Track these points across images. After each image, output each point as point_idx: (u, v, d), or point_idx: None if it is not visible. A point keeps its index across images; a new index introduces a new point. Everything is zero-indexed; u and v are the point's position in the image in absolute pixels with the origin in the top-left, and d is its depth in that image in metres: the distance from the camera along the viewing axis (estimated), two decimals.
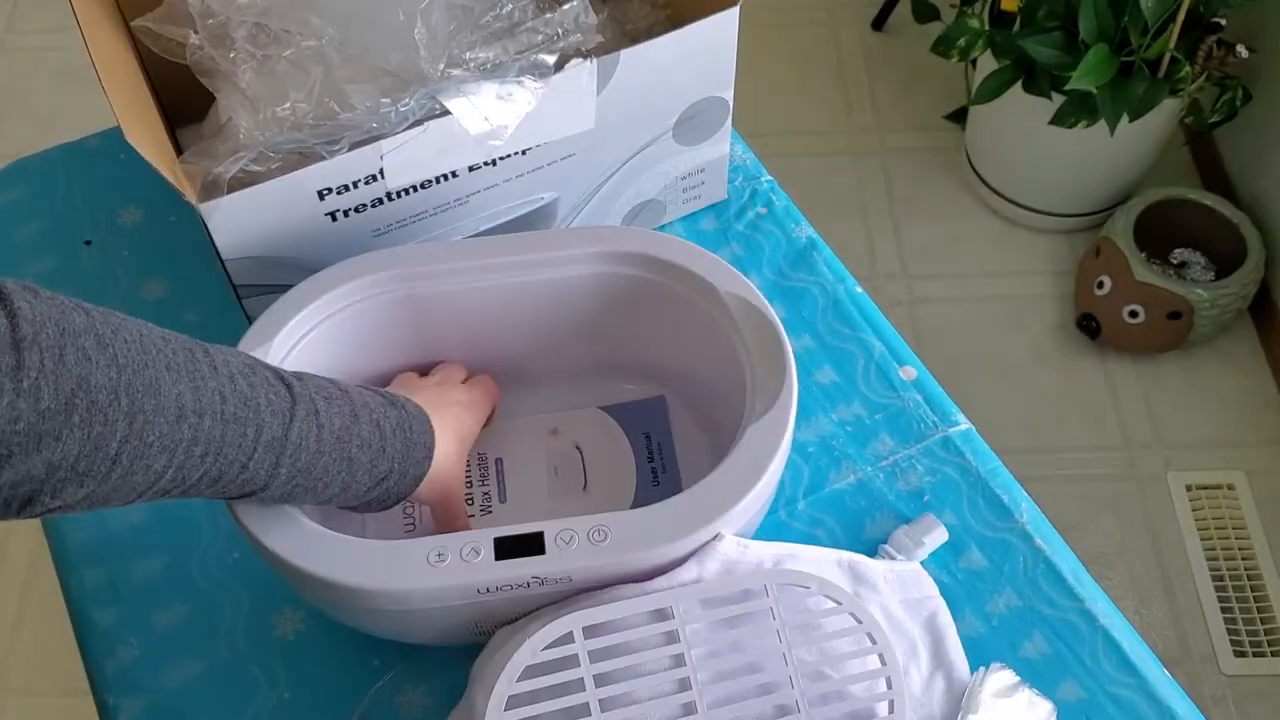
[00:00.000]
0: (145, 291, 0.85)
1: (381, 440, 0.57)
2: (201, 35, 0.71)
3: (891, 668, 0.58)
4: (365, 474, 0.57)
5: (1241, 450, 1.61)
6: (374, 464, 0.57)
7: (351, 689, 0.68)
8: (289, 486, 0.54)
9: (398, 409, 0.59)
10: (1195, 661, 1.43)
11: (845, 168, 1.91)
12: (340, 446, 0.55)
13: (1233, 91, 1.58)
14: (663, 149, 0.81)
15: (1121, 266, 1.60)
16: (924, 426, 0.77)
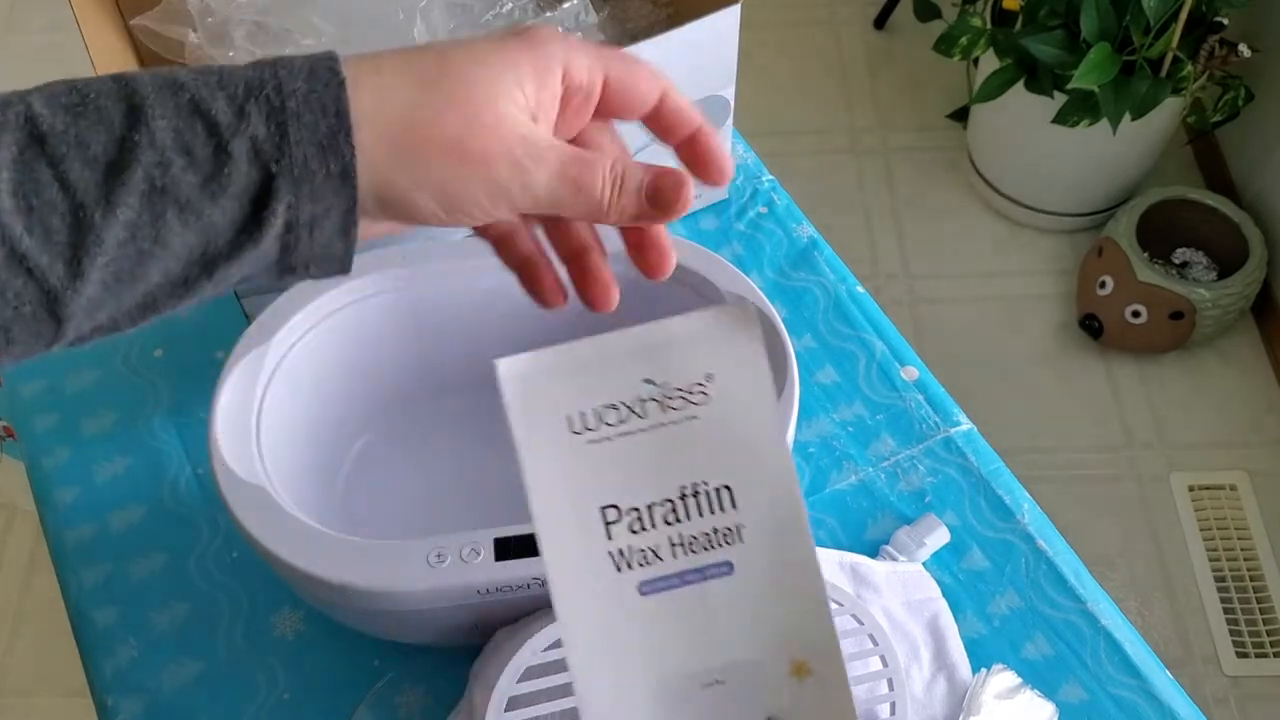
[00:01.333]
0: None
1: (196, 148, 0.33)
2: (200, 34, 0.71)
3: (893, 669, 0.58)
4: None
5: (1244, 451, 1.61)
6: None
7: (351, 689, 0.68)
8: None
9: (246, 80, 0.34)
10: (1197, 662, 1.43)
11: (847, 167, 1.90)
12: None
13: (1235, 91, 1.57)
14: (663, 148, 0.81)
15: (1124, 266, 1.60)
16: (925, 427, 0.77)
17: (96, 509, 0.74)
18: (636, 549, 0.41)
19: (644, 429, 0.42)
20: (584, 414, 0.42)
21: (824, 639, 0.41)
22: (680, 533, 0.41)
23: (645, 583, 0.41)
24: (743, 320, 0.43)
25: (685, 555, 0.41)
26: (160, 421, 0.78)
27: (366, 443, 0.74)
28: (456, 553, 0.57)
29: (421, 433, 0.74)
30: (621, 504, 0.42)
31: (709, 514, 0.42)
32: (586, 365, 0.43)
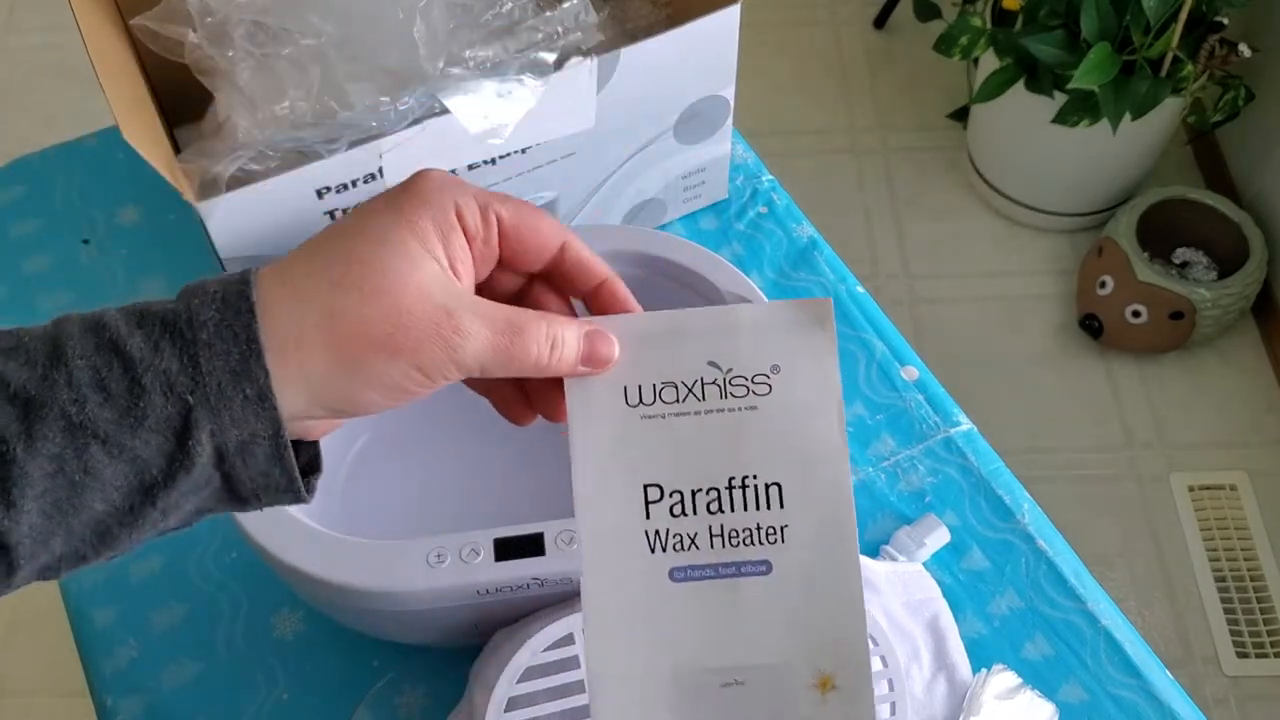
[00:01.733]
0: (143, 290, 0.85)
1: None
2: (200, 34, 0.71)
3: (893, 669, 0.58)
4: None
5: (1244, 451, 1.60)
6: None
7: (351, 689, 0.68)
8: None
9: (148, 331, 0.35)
10: (1197, 662, 1.43)
11: (846, 167, 1.90)
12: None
13: (1235, 91, 1.57)
14: (663, 148, 0.81)
15: (1124, 266, 1.60)
16: (926, 427, 0.77)
17: None
18: (674, 533, 0.40)
19: (700, 412, 0.41)
20: (642, 387, 0.41)
21: (855, 656, 0.40)
22: (721, 524, 0.40)
23: (678, 569, 0.40)
24: (819, 318, 0.42)
25: (723, 547, 0.40)
26: None
27: (366, 443, 0.74)
28: (456, 553, 0.57)
29: (421, 433, 0.74)
30: (665, 485, 0.41)
31: (754, 509, 0.41)
32: (653, 338, 0.42)
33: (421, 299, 0.36)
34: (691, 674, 0.40)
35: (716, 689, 0.40)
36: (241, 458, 0.36)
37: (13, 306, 0.85)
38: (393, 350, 0.36)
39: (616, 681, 0.40)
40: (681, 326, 0.41)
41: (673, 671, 0.40)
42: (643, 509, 0.40)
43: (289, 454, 0.36)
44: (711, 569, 0.40)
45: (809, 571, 0.40)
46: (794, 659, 0.40)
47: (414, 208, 0.37)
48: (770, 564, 0.40)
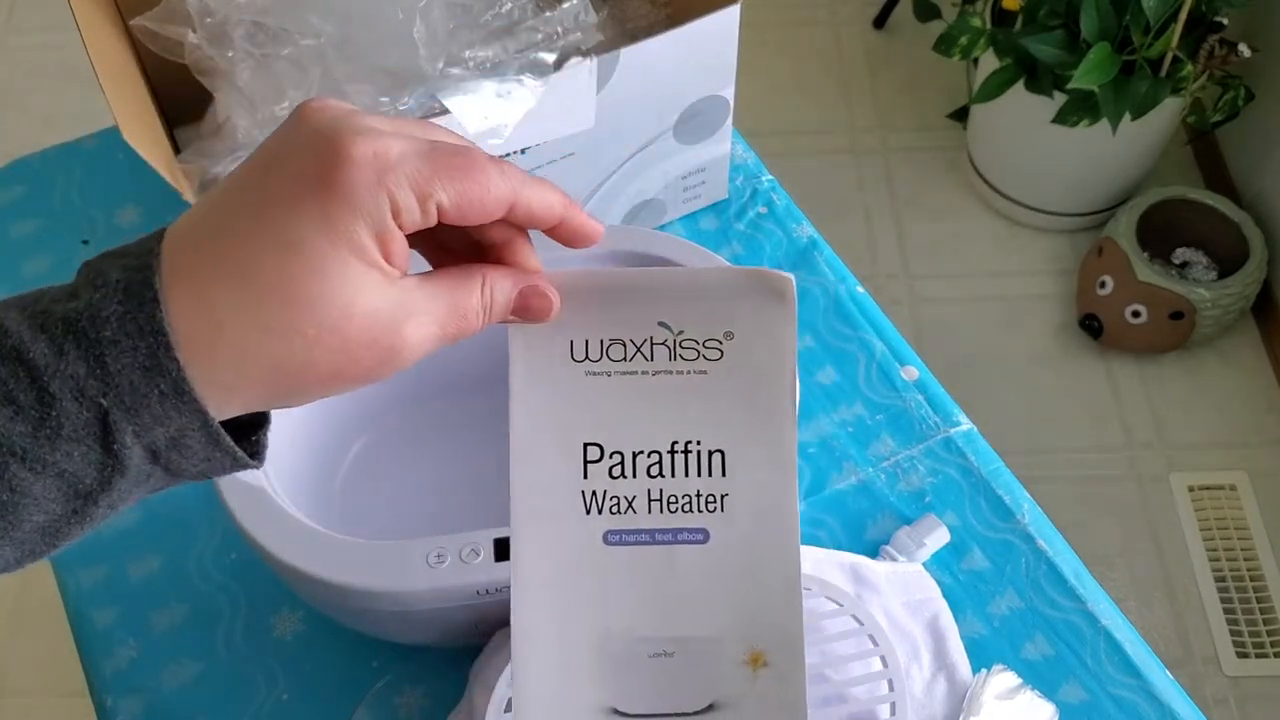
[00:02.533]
0: None
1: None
2: (200, 34, 0.71)
3: (893, 670, 0.58)
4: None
5: (1244, 451, 1.60)
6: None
7: (350, 690, 0.68)
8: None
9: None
10: (1197, 662, 1.43)
11: (846, 167, 1.90)
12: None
13: (1235, 91, 1.57)
14: (663, 148, 0.81)
15: (1124, 266, 1.60)
16: (925, 427, 0.77)
17: None
18: (611, 495, 0.39)
19: (648, 372, 0.40)
20: (589, 343, 0.40)
21: (788, 633, 0.39)
22: (661, 488, 0.39)
23: (612, 532, 0.39)
24: (780, 290, 0.40)
25: (661, 513, 0.39)
26: None
27: (366, 443, 0.74)
28: (456, 553, 0.57)
29: (421, 433, 0.74)
30: (606, 444, 0.39)
31: (695, 476, 0.39)
32: (604, 294, 0.40)
33: (367, 327, 0.34)
34: (620, 641, 0.39)
35: (645, 659, 0.39)
36: (177, 451, 0.34)
37: None
38: (343, 380, 0.35)
39: (541, 645, 0.39)
40: (635, 284, 0.40)
41: (601, 638, 0.39)
42: (581, 468, 0.39)
43: (225, 438, 0.34)
44: (648, 534, 0.39)
45: (747, 543, 0.39)
46: (726, 632, 0.39)
47: (348, 218, 0.33)
48: (708, 533, 0.39)
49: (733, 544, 0.39)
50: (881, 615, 0.64)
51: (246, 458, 0.36)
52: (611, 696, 0.38)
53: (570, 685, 0.39)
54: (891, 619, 0.65)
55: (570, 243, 0.39)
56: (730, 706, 0.38)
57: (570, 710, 0.39)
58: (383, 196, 0.33)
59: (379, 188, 0.33)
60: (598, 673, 0.39)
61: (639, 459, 0.39)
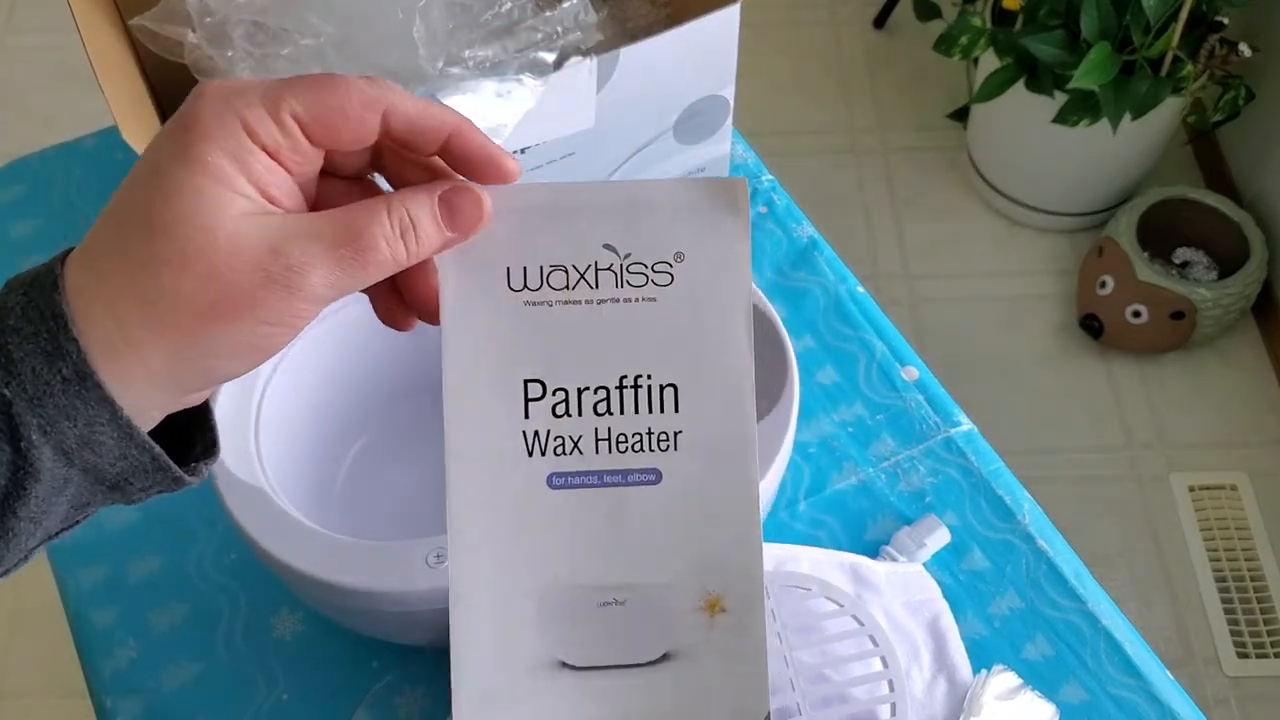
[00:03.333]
0: None
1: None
2: (199, 34, 0.71)
3: (894, 670, 0.58)
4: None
5: (1244, 451, 1.60)
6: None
7: (350, 690, 0.67)
8: None
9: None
10: (1198, 663, 1.43)
11: (846, 167, 1.90)
12: None
13: (1235, 90, 1.57)
14: (663, 148, 0.81)
15: (1124, 266, 1.60)
16: (926, 427, 0.77)
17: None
18: (555, 435, 0.36)
19: (592, 301, 0.36)
20: (527, 270, 0.36)
21: (747, 577, 0.36)
22: (609, 427, 0.36)
23: (557, 474, 0.36)
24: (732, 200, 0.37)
25: (610, 453, 0.36)
26: None
27: (365, 443, 0.74)
28: None
29: (420, 433, 0.74)
30: (549, 381, 0.36)
31: (646, 412, 0.36)
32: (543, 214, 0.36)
33: (237, 249, 0.31)
34: (566, 592, 0.36)
35: (594, 608, 0.36)
36: (90, 450, 0.32)
37: None
38: (227, 316, 0.32)
39: (482, 596, 0.36)
40: (576, 203, 0.37)
41: (546, 588, 0.36)
42: (521, 406, 0.36)
43: (139, 433, 0.33)
44: (595, 476, 0.36)
45: (701, 483, 0.36)
46: (680, 578, 0.36)
47: (199, 143, 0.32)
48: (660, 473, 0.36)
49: (685, 484, 0.36)
50: (882, 616, 0.64)
51: (168, 459, 0.34)
52: (558, 649, 0.36)
53: (513, 639, 0.36)
54: (892, 619, 0.65)
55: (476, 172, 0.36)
56: (685, 656, 0.36)
57: (513, 666, 0.36)
58: (232, 117, 0.32)
59: (227, 110, 0.32)
60: (543, 625, 0.36)
61: (585, 396, 0.36)
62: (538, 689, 0.36)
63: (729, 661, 0.36)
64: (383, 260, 0.33)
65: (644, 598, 0.36)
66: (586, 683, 0.36)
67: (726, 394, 0.36)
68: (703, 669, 0.36)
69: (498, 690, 0.36)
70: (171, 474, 0.34)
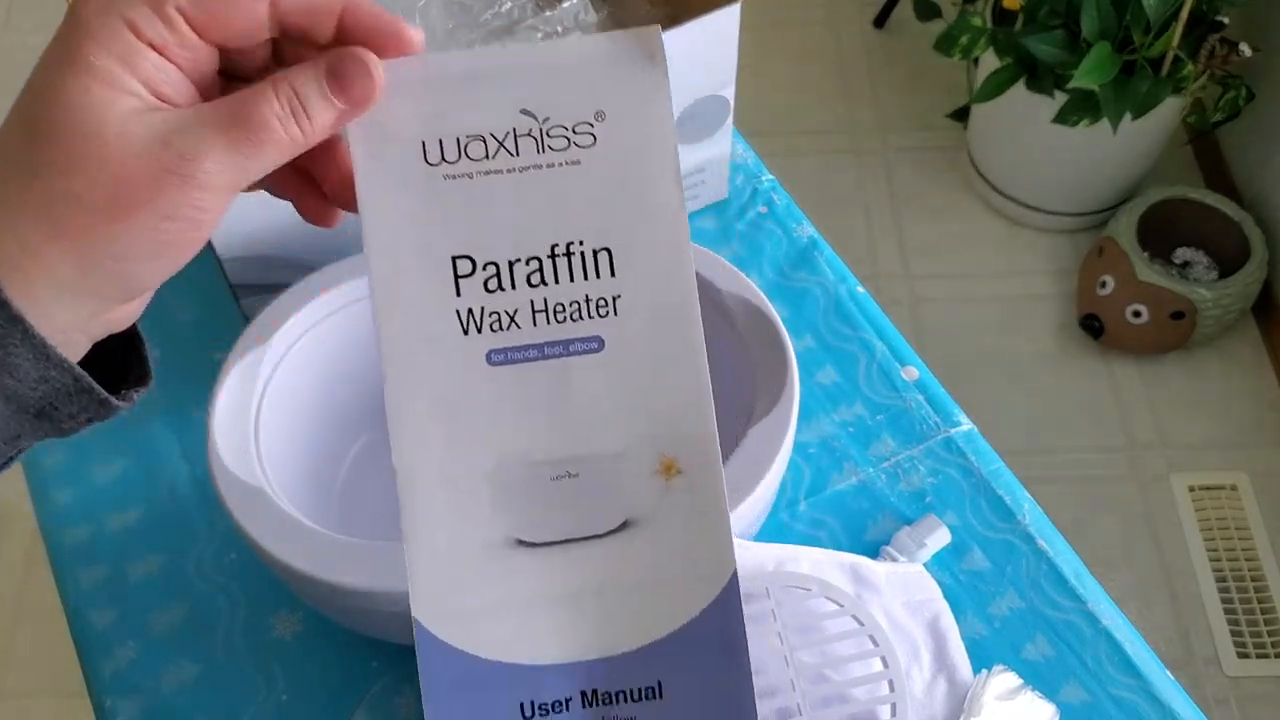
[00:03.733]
0: None
1: None
2: None
3: (894, 670, 0.58)
4: None
5: (1245, 451, 1.60)
6: None
7: (350, 690, 0.67)
8: None
9: None
10: (1198, 663, 1.43)
11: (847, 166, 1.90)
12: None
13: (1236, 90, 1.57)
14: None
15: (1124, 266, 1.60)
16: (926, 427, 0.77)
17: (94, 510, 0.74)
18: (490, 311, 0.35)
19: (515, 169, 0.35)
20: (444, 142, 0.35)
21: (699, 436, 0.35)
22: (545, 297, 0.35)
23: (496, 351, 0.35)
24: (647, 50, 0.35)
25: (548, 324, 0.35)
26: (158, 422, 0.77)
27: (365, 443, 0.74)
28: None
29: None
30: (478, 256, 0.35)
31: (581, 279, 0.35)
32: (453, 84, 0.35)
33: (126, 145, 0.31)
34: (517, 468, 0.35)
35: (546, 483, 0.35)
36: (7, 372, 0.31)
37: None
38: (125, 213, 0.31)
39: (430, 483, 0.36)
40: (485, 69, 0.35)
41: (495, 467, 0.35)
42: (452, 285, 0.35)
43: (57, 352, 0.32)
44: (536, 349, 0.35)
45: (646, 345, 0.35)
46: (633, 444, 0.35)
47: (81, 45, 0.31)
48: (602, 340, 0.35)
49: (630, 348, 0.35)
50: (882, 616, 0.64)
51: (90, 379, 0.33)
52: (514, 527, 0.35)
53: (467, 523, 0.35)
54: (892, 620, 0.65)
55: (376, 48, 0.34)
56: (645, 522, 0.35)
57: (469, 549, 0.35)
58: (115, 18, 0.32)
59: (110, 10, 0.32)
60: (496, 505, 0.35)
61: (516, 268, 0.35)
62: (495, 569, 0.35)
63: (689, 523, 0.35)
64: (277, 140, 0.33)
65: (597, 468, 0.35)
66: (546, 559, 0.35)
67: (662, 252, 0.35)
68: (663, 533, 0.35)
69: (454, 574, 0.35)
70: (97, 396, 0.34)
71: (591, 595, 0.35)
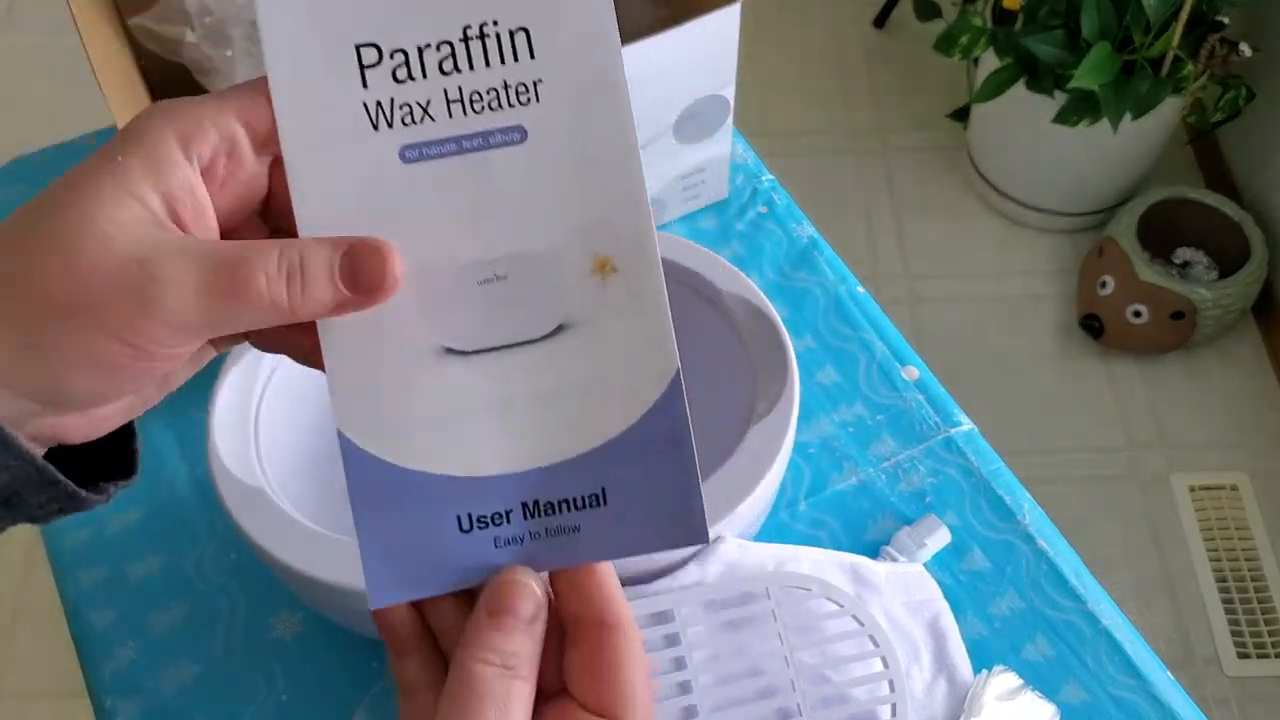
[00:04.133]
0: None
1: None
2: (198, 33, 0.71)
3: (894, 671, 0.58)
4: None
5: (1245, 451, 1.60)
6: None
7: (350, 691, 0.67)
8: None
9: None
10: (1198, 663, 1.43)
11: (847, 166, 1.90)
12: None
13: (1236, 90, 1.57)
14: (663, 147, 0.81)
15: (1125, 266, 1.60)
16: (926, 427, 0.77)
17: (93, 510, 0.74)
18: (400, 103, 0.32)
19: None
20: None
21: (635, 232, 0.33)
22: (460, 85, 0.32)
23: (410, 146, 0.32)
24: None
25: (465, 115, 0.32)
26: (158, 423, 0.77)
27: None
28: None
29: None
30: (383, 43, 0.32)
31: (498, 64, 0.32)
32: None
33: (104, 248, 0.29)
34: (441, 273, 0.33)
35: (474, 287, 0.33)
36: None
37: None
38: (70, 313, 0.28)
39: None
40: None
41: (417, 273, 0.33)
42: (358, 75, 0.32)
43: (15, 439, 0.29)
44: (453, 143, 0.32)
45: (571, 134, 0.33)
46: (562, 242, 0.33)
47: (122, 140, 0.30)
48: (524, 130, 0.33)
49: (554, 137, 0.33)
50: (882, 616, 0.64)
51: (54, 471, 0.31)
52: (442, 335, 0.33)
53: (391, 329, 0.33)
54: (892, 620, 0.65)
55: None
56: (582, 324, 0.33)
57: (394, 358, 0.33)
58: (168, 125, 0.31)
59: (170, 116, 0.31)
60: (421, 311, 0.33)
61: (426, 54, 0.32)
62: (425, 380, 0.33)
63: (628, 322, 0.33)
64: (258, 301, 0.30)
65: (527, 269, 0.33)
66: (478, 366, 0.33)
67: (584, 28, 0.32)
68: (601, 335, 0.33)
69: (380, 384, 0.34)
70: (64, 488, 0.31)
71: (528, 403, 0.33)
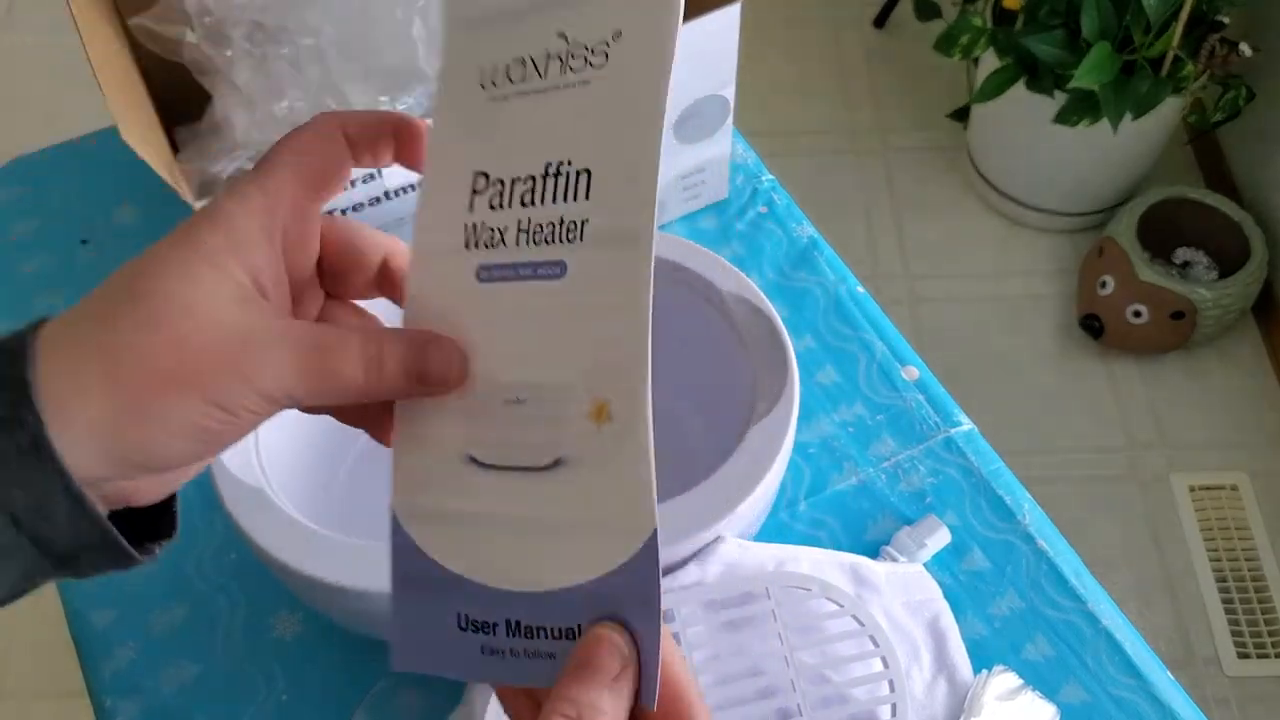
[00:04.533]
0: None
1: None
2: (198, 33, 0.71)
3: (894, 671, 0.58)
4: None
5: (1245, 451, 1.60)
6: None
7: (350, 691, 0.67)
8: None
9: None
10: (1198, 663, 1.43)
11: (847, 166, 1.90)
12: None
13: (1236, 90, 1.57)
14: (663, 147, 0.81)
15: (1125, 266, 1.60)
16: (926, 427, 0.77)
17: None
18: (488, 226, 0.35)
19: (539, 90, 0.35)
20: (496, 67, 0.36)
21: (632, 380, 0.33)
22: (531, 217, 0.35)
23: (484, 267, 0.35)
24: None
25: (528, 245, 0.35)
26: None
27: (366, 444, 0.73)
28: None
29: None
30: (492, 173, 0.36)
31: (562, 201, 0.34)
32: (518, 11, 0.36)
33: (209, 325, 0.32)
34: (483, 385, 0.35)
35: (500, 405, 0.35)
36: (42, 518, 0.31)
37: (11, 307, 0.85)
38: (180, 386, 0.32)
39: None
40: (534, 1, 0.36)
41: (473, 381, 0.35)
42: (468, 199, 0.36)
43: (93, 506, 0.32)
44: (511, 269, 0.35)
45: (597, 276, 0.34)
46: (570, 379, 0.34)
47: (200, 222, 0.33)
48: (564, 265, 0.34)
49: (587, 278, 0.34)
50: (882, 616, 0.64)
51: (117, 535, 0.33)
52: (470, 444, 0.35)
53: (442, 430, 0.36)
54: (892, 620, 0.65)
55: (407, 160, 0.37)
56: (575, 463, 0.34)
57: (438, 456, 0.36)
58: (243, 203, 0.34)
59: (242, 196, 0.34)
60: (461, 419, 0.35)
61: (516, 186, 0.35)
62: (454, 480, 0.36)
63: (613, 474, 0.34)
64: (344, 383, 0.34)
65: (540, 398, 0.34)
66: (491, 481, 0.35)
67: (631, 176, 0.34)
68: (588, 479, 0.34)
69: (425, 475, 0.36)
70: (121, 550, 0.34)
71: (521, 527, 0.35)
